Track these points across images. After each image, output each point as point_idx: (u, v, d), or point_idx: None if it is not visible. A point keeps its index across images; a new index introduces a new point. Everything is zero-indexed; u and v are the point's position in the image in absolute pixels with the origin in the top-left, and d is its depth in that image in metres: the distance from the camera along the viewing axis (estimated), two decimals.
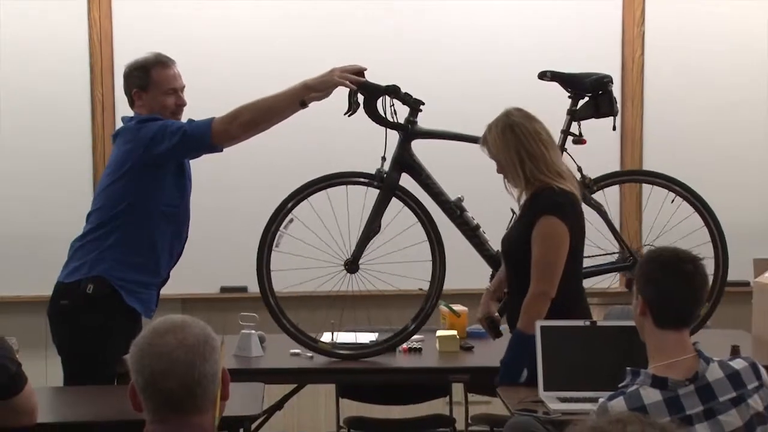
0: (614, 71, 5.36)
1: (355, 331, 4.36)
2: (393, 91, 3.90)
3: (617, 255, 4.06)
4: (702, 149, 5.52)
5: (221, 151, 3.85)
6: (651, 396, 2.50)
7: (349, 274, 4.00)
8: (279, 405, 4.31)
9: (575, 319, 3.47)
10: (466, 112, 4.78)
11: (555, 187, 3.53)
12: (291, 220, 3.98)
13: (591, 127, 3.91)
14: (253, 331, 4.08)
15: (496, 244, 3.99)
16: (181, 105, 3.91)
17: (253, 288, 4.12)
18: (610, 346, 3.30)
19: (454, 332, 4.22)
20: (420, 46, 5.37)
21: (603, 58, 5.35)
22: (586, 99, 4.01)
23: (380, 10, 5.42)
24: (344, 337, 4.18)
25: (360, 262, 3.99)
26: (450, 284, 4.06)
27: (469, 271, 4.18)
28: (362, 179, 4.01)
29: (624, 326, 3.25)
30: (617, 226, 4.46)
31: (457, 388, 4.56)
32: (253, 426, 3.77)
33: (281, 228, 3.97)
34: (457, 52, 5.39)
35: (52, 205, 5.22)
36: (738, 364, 2.59)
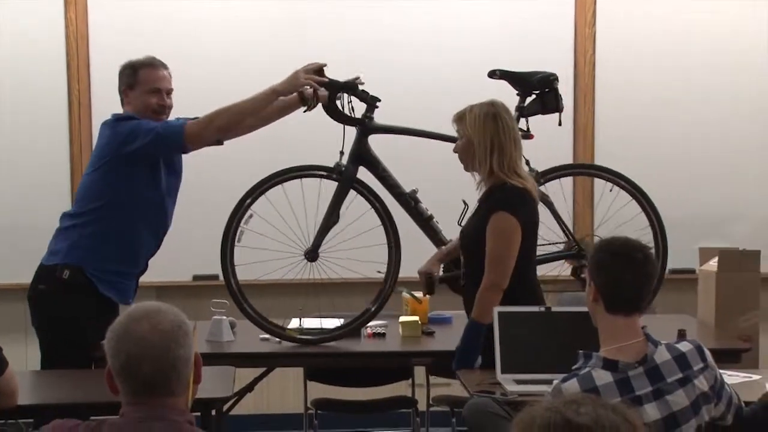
0: (567, 70, 5.44)
1: (320, 317, 4.48)
2: (350, 88, 3.98)
3: (563, 244, 4.15)
4: (651, 144, 5.58)
5: (188, 152, 3.92)
6: (602, 378, 2.56)
7: (309, 263, 4.07)
8: (249, 387, 4.38)
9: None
10: (422, 110, 4.88)
11: (508, 184, 3.60)
12: (250, 215, 4.05)
13: (544, 123, 3.98)
14: (224, 317, 4.15)
15: (448, 234, 4.11)
16: (164, 105, 3.95)
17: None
18: (563, 330, 3.33)
19: (416, 318, 4.29)
20: (379, 47, 5.40)
21: (556, 57, 5.39)
22: (533, 96, 4.09)
23: (341, 10, 5.47)
24: (310, 323, 4.24)
25: (320, 251, 4.07)
26: (406, 272, 4.14)
27: (423, 260, 4.22)
28: (321, 172, 4.09)
29: (577, 312, 3.29)
30: (570, 216, 4.55)
31: (419, 371, 4.64)
32: (225, 407, 3.84)
33: (242, 224, 4.04)
34: (413, 52, 5.41)
35: (31, 196, 5.25)
36: (684, 346, 2.67)
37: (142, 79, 3.94)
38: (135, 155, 3.83)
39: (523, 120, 4.02)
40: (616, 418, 1.41)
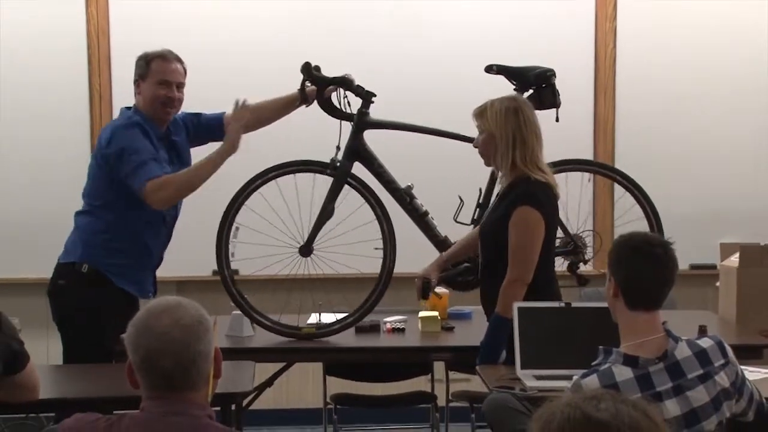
0: (587, 64, 5.46)
1: (335, 312, 4.50)
2: (342, 83, 3.99)
3: (558, 240, 4.11)
4: (672, 138, 5.56)
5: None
6: (623, 373, 2.55)
7: (303, 258, 4.09)
8: (269, 382, 4.41)
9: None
10: (439, 106, 4.90)
11: (531, 178, 3.59)
12: (237, 228, 4.08)
13: (565, 118, 3.96)
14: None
15: (444, 230, 4.13)
16: (172, 98, 3.96)
17: (244, 271, 4.22)
18: (583, 326, 3.32)
19: (435, 313, 4.30)
20: (393, 41, 5.43)
21: (576, 52, 5.43)
22: (531, 92, 4.07)
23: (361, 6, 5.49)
24: (328, 318, 4.27)
25: (315, 246, 4.09)
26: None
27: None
28: (316, 168, 4.10)
29: (597, 307, 3.28)
30: (591, 211, 4.53)
31: (439, 366, 4.64)
32: (245, 402, 3.88)
33: (231, 238, 4.07)
34: (429, 47, 5.41)
35: (52, 191, 5.29)
36: (705, 342, 2.66)
37: (154, 70, 3.97)
38: (112, 173, 3.89)
39: None
40: (636, 414, 1.41)
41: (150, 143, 3.92)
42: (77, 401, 3.17)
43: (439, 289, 4.20)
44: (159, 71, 3.97)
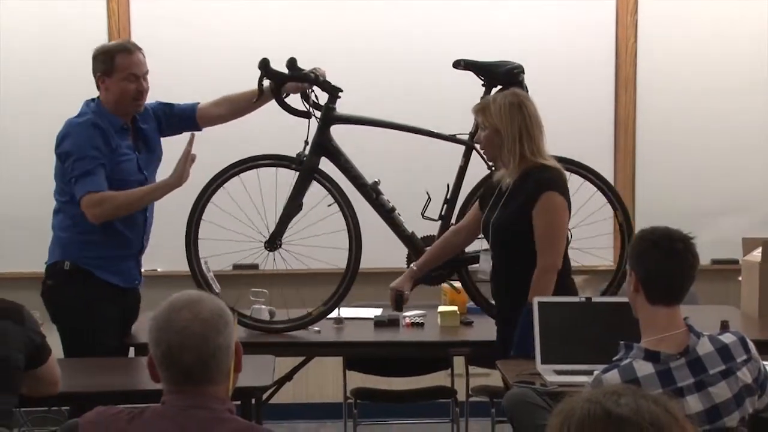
0: (608, 58, 5.43)
1: (359, 306, 4.51)
2: (305, 78, 3.98)
3: None
4: (693, 133, 5.52)
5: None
6: (644, 369, 2.55)
7: (270, 252, 4.10)
8: (289, 376, 4.43)
9: (564, 294, 3.56)
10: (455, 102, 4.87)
11: (549, 165, 3.62)
12: (206, 262, 4.10)
13: (587, 113, 3.96)
14: (263, 306, 4.19)
15: (410, 226, 4.14)
16: (141, 91, 3.93)
17: (265, 265, 4.24)
18: (604, 321, 3.31)
19: (454, 308, 4.30)
20: (405, 37, 5.42)
21: (597, 46, 5.40)
22: (499, 87, 4.03)
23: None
24: (348, 312, 4.32)
25: (283, 240, 4.09)
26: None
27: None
28: (283, 162, 4.10)
29: (617, 302, 3.30)
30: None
31: (458, 361, 4.63)
32: (265, 396, 3.89)
33: (208, 273, 4.09)
34: (454, 40, 5.32)
35: None
36: (727, 338, 2.66)
37: (120, 65, 3.90)
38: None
39: None
40: (657, 409, 1.40)
41: (106, 143, 3.86)
42: (97, 395, 3.19)
43: (457, 284, 4.21)
44: (125, 66, 3.90)
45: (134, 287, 4.07)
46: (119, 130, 3.93)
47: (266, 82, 4.01)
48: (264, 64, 3.99)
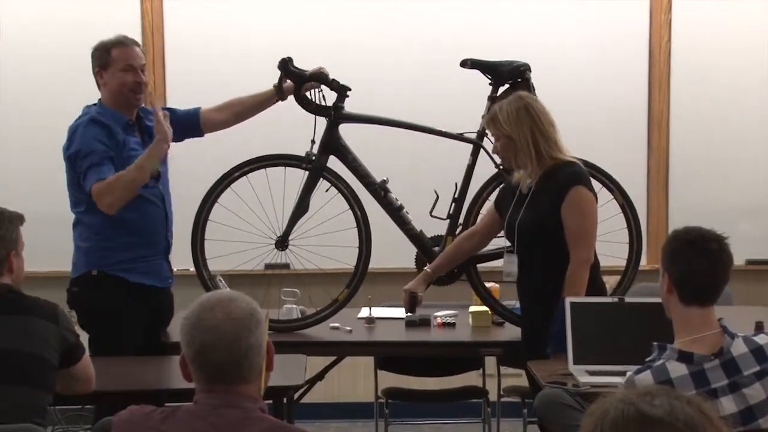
0: (641, 57, 5.41)
1: (389, 306, 4.51)
2: (317, 78, 4.00)
3: None
4: (727, 132, 5.49)
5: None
6: (677, 370, 2.54)
7: (279, 251, 4.11)
8: (320, 376, 4.44)
9: (595, 289, 3.57)
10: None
11: (573, 160, 3.63)
12: (220, 279, 4.11)
13: (619, 112, 3.94)
14: (294, 306, 4.21)
15: (418, 224, 4.15)
16: (139, 82, 3.93)
17: (296, 265, 4.25)
18: (636, 321, 3.30)
19: (486, 308, 4.26)
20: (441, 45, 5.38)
21: (630, 45, 5.39)
22: (506, 86, 4.06)
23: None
24: (380, 311, 4.34)
25: (291, 240, 4.10)
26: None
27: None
28: (292, 161, 4.11)
29: (650, 302, 3.25)
30: (645, 206, 4.48)
31: (490, 361, 4.64)
32: (296, 395, 3.90)
33: (219, 277, 4.10)
34: (480, 39, 5.29)
35: None
36: (762, 339, 2.63)
37: (115, 57, 3.91)
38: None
39: None
40: (691, 410, 1.39)
41: (110, 137, 3.87)
42: (130, 393, 3.21)
43: (489, 284, 4.21)
44: (121, 57, 3.91)
45: (167, 286, 4.08)
46: (125, 127, 3.94)
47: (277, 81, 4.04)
48: (284, 64, 4.00)
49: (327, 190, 4.12)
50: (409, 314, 4.14)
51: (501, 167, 4.05)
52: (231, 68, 5.31)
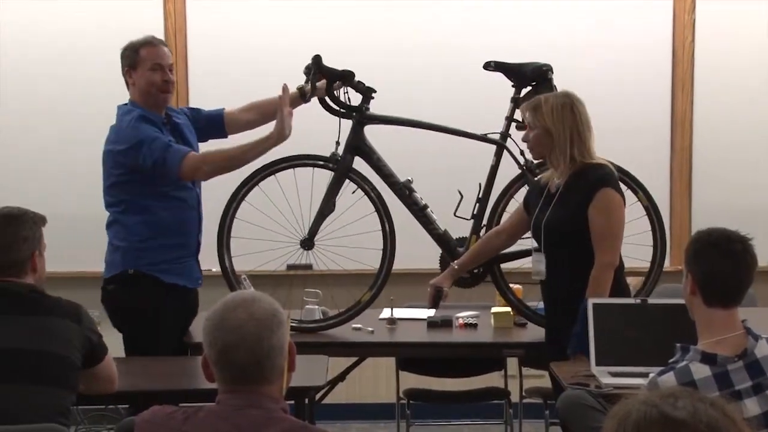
0: (665, 57, 5.39)
1: (410, 306, 4.51)
2: (347, 79, 4.01)
3: None
4: (752, 133, 5.46)
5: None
6: (700, 371, 2.52)
7: (305, 251, 4.12)
8: (342, 376, 4.45)
9: (618, 291, 3.56)
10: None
11: (603, 163, 3.63)
12: (245, 279, 4.12)
13: (643, 112, 3.93)
14: (316, 306, 4.22)
15: (443, 224, 4.15)
16: (168, 81, 3.96)
17: (318, 266, 4.26)
18: (659, 323, 3.30)
19: (508, 309, 4.27)
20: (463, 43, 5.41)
21: (653, 45, 5.37)
22: (529, 88, 4.06)
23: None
24: (401, 312, 4.34)
25: (316, 240, 4.11)
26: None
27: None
28: (318, 162, 4.12)
29: (673, 304, 3.24)
30: (668, 206, 4.45)
31: (512, 362, 4.64)
32: (318, 396, 3.92)
33: (243, 277, 4.11)
34: (501, 40, 5.32)
35: None
36: None
37: (144, 57, 3.95)
38: (135, 168, 3.86)
39: (518, 111, 3.99)
40: (714, 412, 1.38)
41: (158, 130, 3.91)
42: (154, 393, 3.23)
43: (512, 285, 4.20)
44: (149, 57, 3.95)
45: (196, 287, 4.10)
46: (161, 125, 3.97)
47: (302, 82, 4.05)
48: (317, 62, 4.01)
49: (354, 192, 4.13)
50: (432, 310, 4.14)
51: (525, 167, 4.04)
52: (253, 69, 5.32)
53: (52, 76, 5.40)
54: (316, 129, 4.15)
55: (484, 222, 4.16)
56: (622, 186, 3.81)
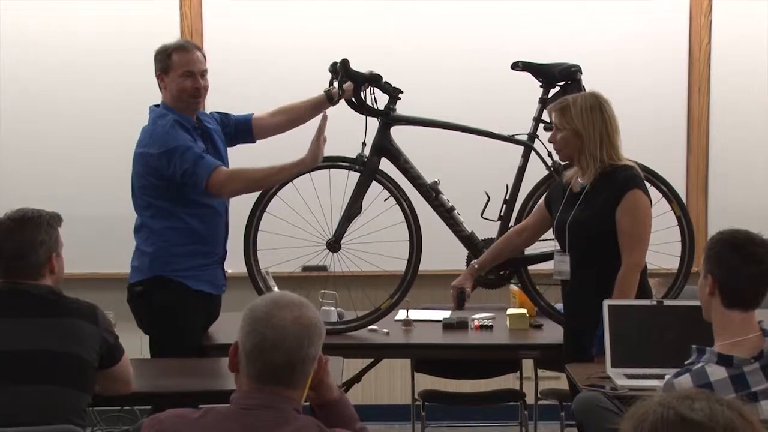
0: (681, 59, 5.37)
1: (427, 308, 4.51)
2: (374, 80, 4.01)
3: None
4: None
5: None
6: (717, 373, 2.52)
7: (332, 253, 4.11)
8: (357, 378, 4.45)
9: (643, 293, 3.55)
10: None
11: (631, 164, 3.62)
12: (267, 273, 4.12)
13: (659, 113, 3.91)
14: (332, 308, 4.22)
15: (470, 226, 4.14)
16: (198, 88, 3.94)
17: (333, 267, 4.26)
18: (675, 324, 3.28)
19: (524, 310, 4.28)
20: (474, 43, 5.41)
21: (670, 47, 5.35)
22: (557, 89, 4.05)
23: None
24: (417, 314, 4.33)
25: (342, 242, 4.10)
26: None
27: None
28: (344, 164, 4.11)
29: (689, 305, 3.22)
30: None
31: (527, 364, 4.61)
32: None
33: (267, 271, 4.12)
34: (521, 41, 5.31)
35: None
36: None
37: (176, 62, 3.93)
38: (164, 174, 3.85)
39: (546, 112, 3.97)
40: (731, 414, 1.38)
41: (194, 140, 3.91)
42: (171, 394, 3.21)
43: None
44: (181, 63, 3.93)
45: (220, 294, 4.11)
46: (193, 130, 3.97)
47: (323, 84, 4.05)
48: (345, 65, 4.00)
49: (386, 197, 4.13)
50: (448, 311, 4.13)
51: (553, 169, 4.03)
52: (270, 71, 5.33)
53: (70, 79, 5.41)
54: (337, 130, 4.15)
55: (511, 223, 4.14)
56: (656, 192, 3.78)
